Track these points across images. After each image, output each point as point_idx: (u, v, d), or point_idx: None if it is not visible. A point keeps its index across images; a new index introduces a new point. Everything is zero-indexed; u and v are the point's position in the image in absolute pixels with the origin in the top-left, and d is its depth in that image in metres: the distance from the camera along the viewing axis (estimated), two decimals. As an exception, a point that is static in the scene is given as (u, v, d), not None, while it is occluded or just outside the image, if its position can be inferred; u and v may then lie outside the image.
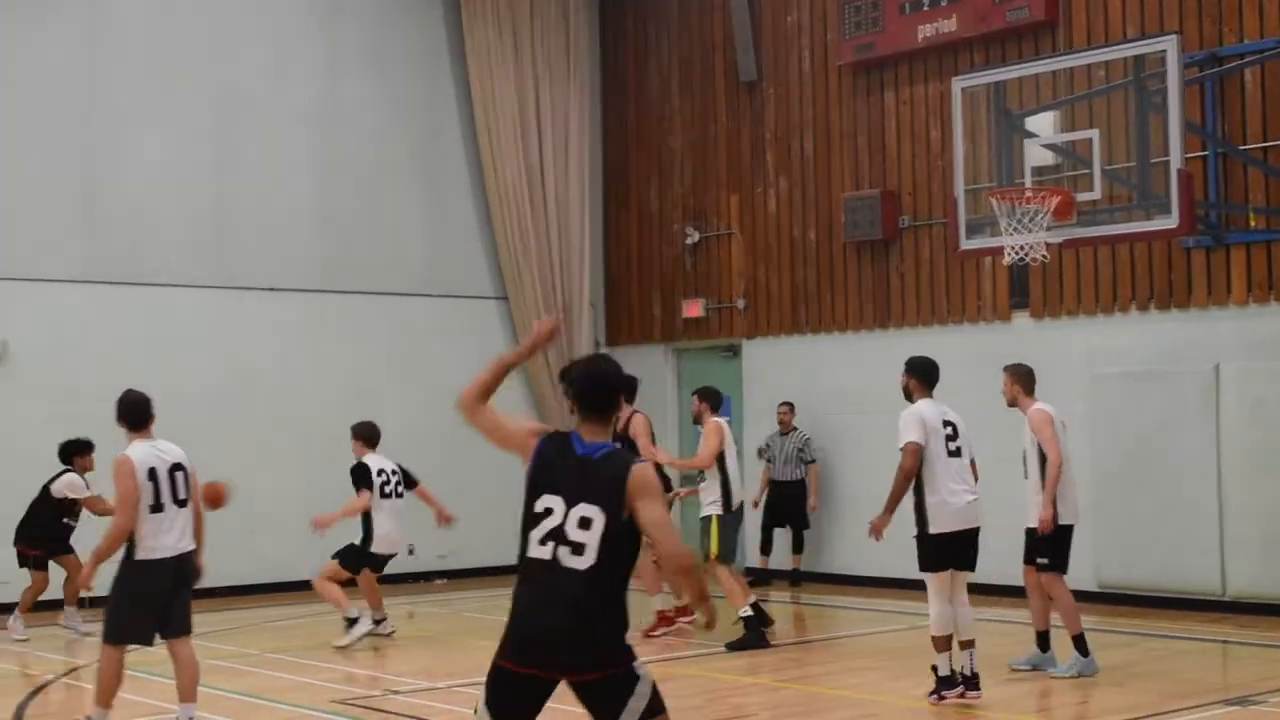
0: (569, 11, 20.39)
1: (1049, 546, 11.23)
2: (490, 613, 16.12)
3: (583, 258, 20.27)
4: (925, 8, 16.96)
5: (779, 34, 18.84)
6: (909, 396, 10.67)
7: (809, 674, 12.00)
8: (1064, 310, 15.97)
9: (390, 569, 14.55)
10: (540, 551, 5.71)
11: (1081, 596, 15.31)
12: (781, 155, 18.81)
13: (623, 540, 5.71)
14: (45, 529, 14.75)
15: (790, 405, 18.06)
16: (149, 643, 9.40)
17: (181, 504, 9.41)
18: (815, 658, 13.33)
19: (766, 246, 18.99)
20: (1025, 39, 16.25)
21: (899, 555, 11.49)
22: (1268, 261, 14.50)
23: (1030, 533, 11.38)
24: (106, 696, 9.25)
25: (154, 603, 9.25)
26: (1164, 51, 13.01)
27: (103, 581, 9.46)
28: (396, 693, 11.26)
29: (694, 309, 19.80)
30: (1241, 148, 14.47)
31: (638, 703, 5.70)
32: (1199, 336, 14.88)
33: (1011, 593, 13.99)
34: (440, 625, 15.28)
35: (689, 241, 19.83)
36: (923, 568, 10.46)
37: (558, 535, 5.69)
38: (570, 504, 5.71)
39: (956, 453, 10.48)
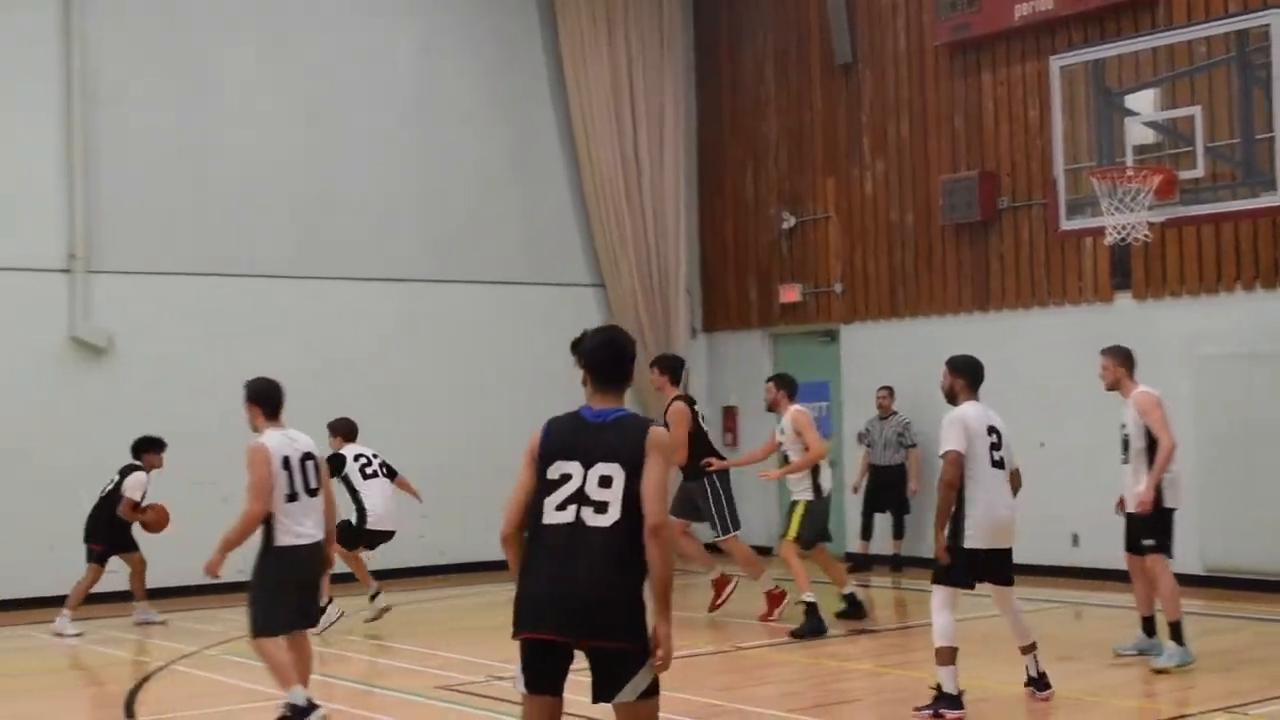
0: (663, -2, 20.41)
1: (1153, 528, 11.04)
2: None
3: (678, 244, 20.27)
4: (1022, -14, 16.78)
5: (874, 16, 18.73)
6: (952, 399, 9.87)
7: (911, 659, 11.93)
8: (1167, 290, 15.76)
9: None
10: (560, 516, 5.68)
11: (1186, 580, 15.14)
12: (878, 138, 18.71)
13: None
14: (110, 524, 14.89)
15: (889, 390, 17.97)
16: (290, 631, 9.32)
17: (313, 493, 9.34)
18: (917, 643, 13.23)
19: (863, 230, 18.89)
20: (1124, 15, 16.03)
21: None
22: (1377, 238, 14.24)
23: (1131, 517, 11.23)
24: (288, 676, 9.17)
25: (296, 590, 9.25)
26: (1268, 25, 12.78)
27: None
28: (499, 678, 11.32)
29: (791, 294, 19.74)
30: (1348, 122, 14.19)
31: (644, 678, 5.68)
32: (1306, 315, 14.64)
33: (1115, 577, 13.86)
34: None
35: (785, 226, 19.77)
36: (943, 580, 9.63)
37: (579, 497, 5.67)
38: (588, 466, 5.70)
39: (999, 463, 9.69)
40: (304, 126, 18.11)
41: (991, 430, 9.65)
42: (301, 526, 9.17)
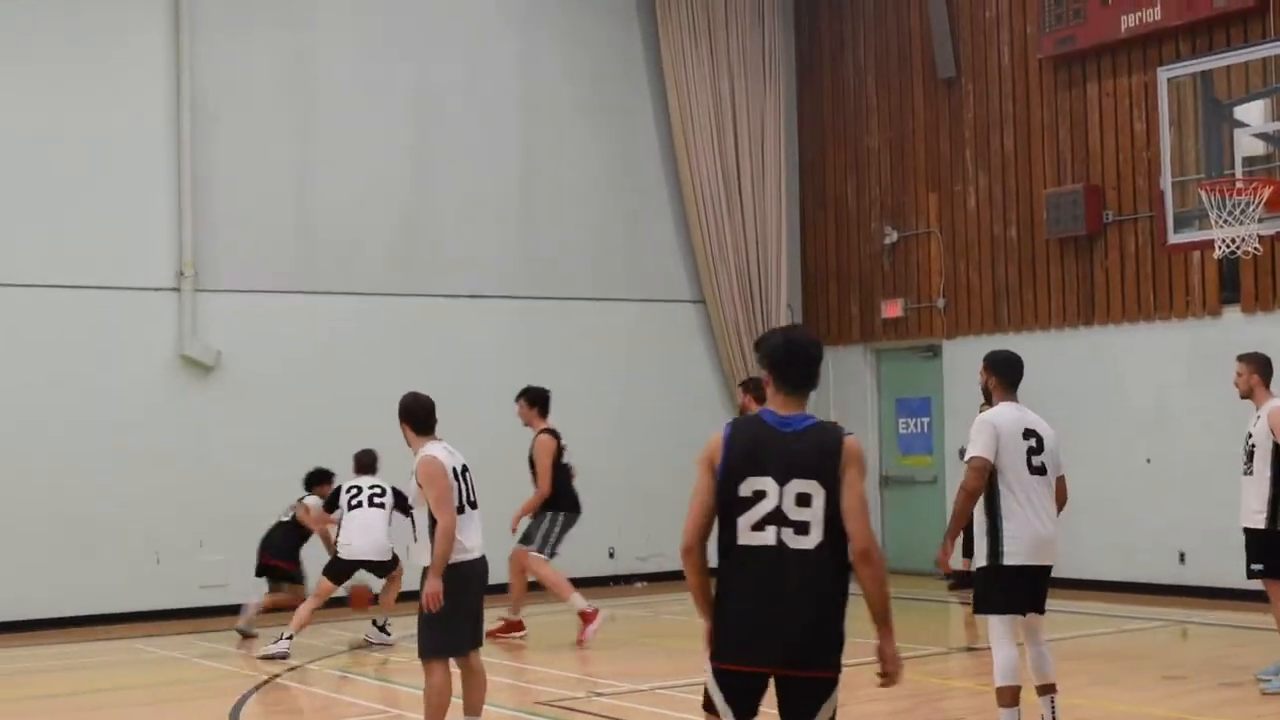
0: (764, 10, 20.35)
1: (1263, 550, 10.62)
2: (691, 614, 16.16)
3: (780, 258, 20.21)
4: (1128, -3, 16.60)
5: (977, 28, 18.59)
6: (990, 398, 9.09)
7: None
8: (1277, 304, 15.49)
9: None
10: (759, 538, 5.37)
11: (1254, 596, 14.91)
12: (981, 151, 18.56)
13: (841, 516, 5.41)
14: (293, 552, 15.11)
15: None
16: (465, 653, 8.92)
17: (474, 506, 9.06)
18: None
19: (966, 244, 18.74)
20: (1233, 25, 15.79)
21: (1106, 556, 11.25)
22: None
23: (1249, 534, 10.86)
24: (442, 704, 8.74)
25: (470, 607, 8.79)
26: (1380, 34, 12.58)
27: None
28: (599, 694, 11.33)
29: (893, 309, 19.63)
30: None
31: (832, 704, 5.45)
32: None
33: (1225, 595, 13.66)
34: (640, 628, 15.35)
35: (887, 241, 19.66)
36: (984, 609, 8.68)
37: (777, 517, 5.36)
38: (782, 482, 5.38)
39: (1040, 469, 8.61)
40: (406, 144, 18.25)
41: (1030, 434, 8.63)
42: (469, 541, 8.79)
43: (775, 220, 20.22)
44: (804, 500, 5.36)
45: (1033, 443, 8.60)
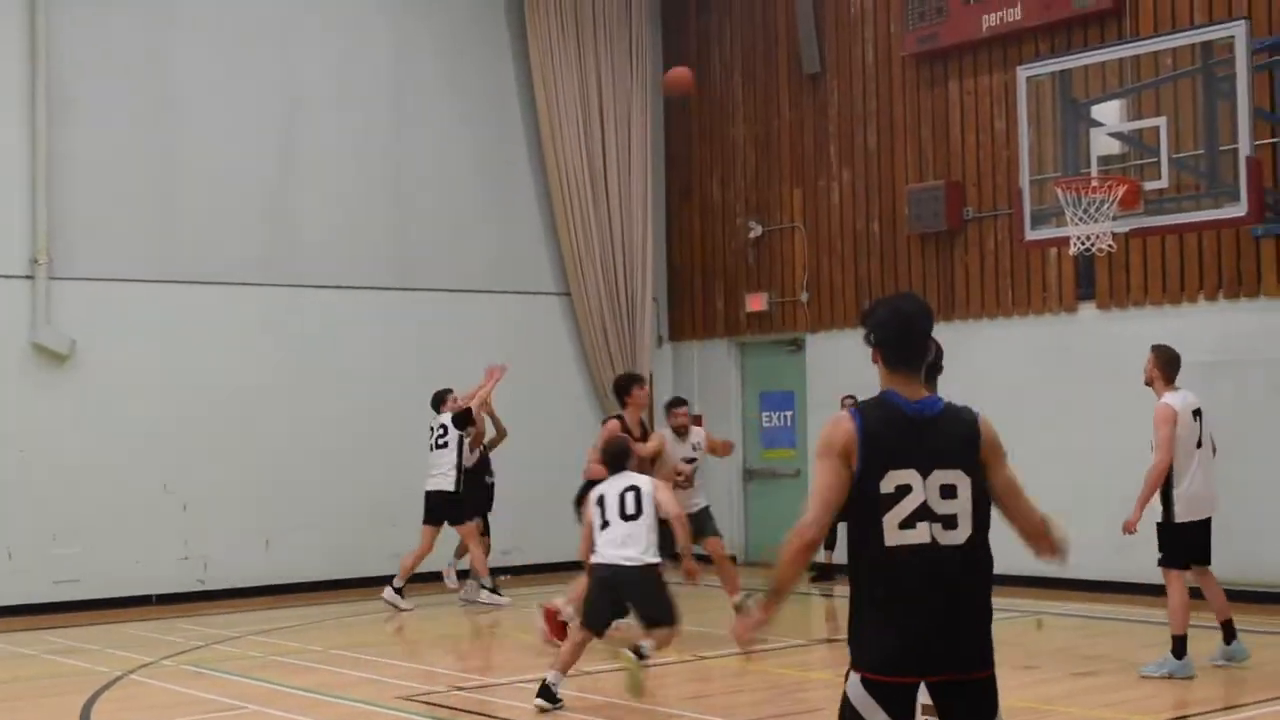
0: (631, 5, 20.35)
1: (1162, 543, 11.05)
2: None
3: (645, 252, 20.23)
4: (989, -3, 16.83)
5: (842, 25, 18.74)
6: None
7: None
8: (1131, 301, 15.79)
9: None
10: (909, 536, 4.90)
11: (1151, 590, 15.17)
12: (845, 147, 18.71)
13: (987, 504, 5.03)
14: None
15: (854, 398, 17.90)
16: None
17: (627, 518, 10.50)
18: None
19: (830, 239, 18.89)
20: (1091, 26, 16.07)
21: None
22: (1340, 250, 14.29)
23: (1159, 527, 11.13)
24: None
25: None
26: (1232, 37, 12.86)
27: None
28: (461, 689, 11.27)
29: (757, 303, 19.74)
30: (1312, 134, 14.27)
31: (996, 698, 5.03)
32: (1269, 326, 14.67)
33: (1097, 587, 13.87)
34: (504, 621, 15.29)
35: (752, 235, 19.76)
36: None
37: (925, 513, 4.92)
38: (926, 473, 4.94)
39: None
40: (271, 134, 17.99)
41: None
42: (607, 551, 10.91)
43: (641, 214, 20.23)
44: (949, 492, 4.95)
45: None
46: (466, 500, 15.93)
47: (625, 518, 10.52)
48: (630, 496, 10.58)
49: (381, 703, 10.67)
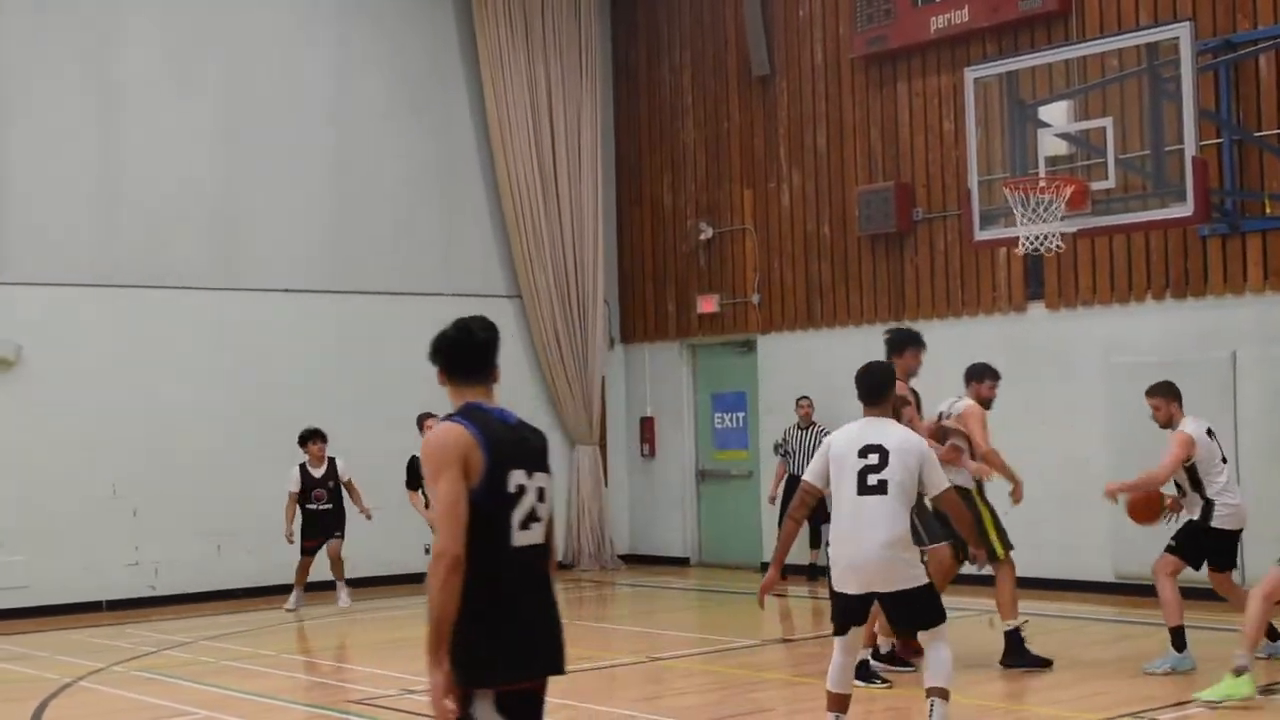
0: (580, 7, 20.34)
1: (1186, 542, 11.26)
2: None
3: (596, 255, 20.22)
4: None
5: (791, 27, 18.78)
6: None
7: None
8: (1079, 300, 15.89)
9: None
10: (527, 537, 5.33)
11: (1099, 588, 15.31)
12: (795, 149, 18.76)
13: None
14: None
15: (810, 399, 17.97)
16: None
17: None
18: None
19: (780, 241, 18.93)
20: (1038, 28, 16.16)
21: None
22: (1284, 249, 14.41)
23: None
24: None
25: None
26: (1177, 39, 12.95)
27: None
28: (412, 692, 11.24)
29: (708, 304, 19.76)
30: (1256, 134, 14.38)
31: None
32: (1216, 325, 14.79)
33: (1049, 586, 13.94)
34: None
35: (703, 237, 19.78)
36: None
37: (534, 514, 5.39)
38: (530, 476, 5.44)
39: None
40: (216, 138, 17.89)
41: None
42: None
43: (592, 216, 20.22)
44: (543, 495, 5.41)
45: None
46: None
47: None
48: None
49: (334, 707, 10.65)
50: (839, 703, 8.54)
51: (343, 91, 18.88)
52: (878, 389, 8.71)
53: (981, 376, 12.29)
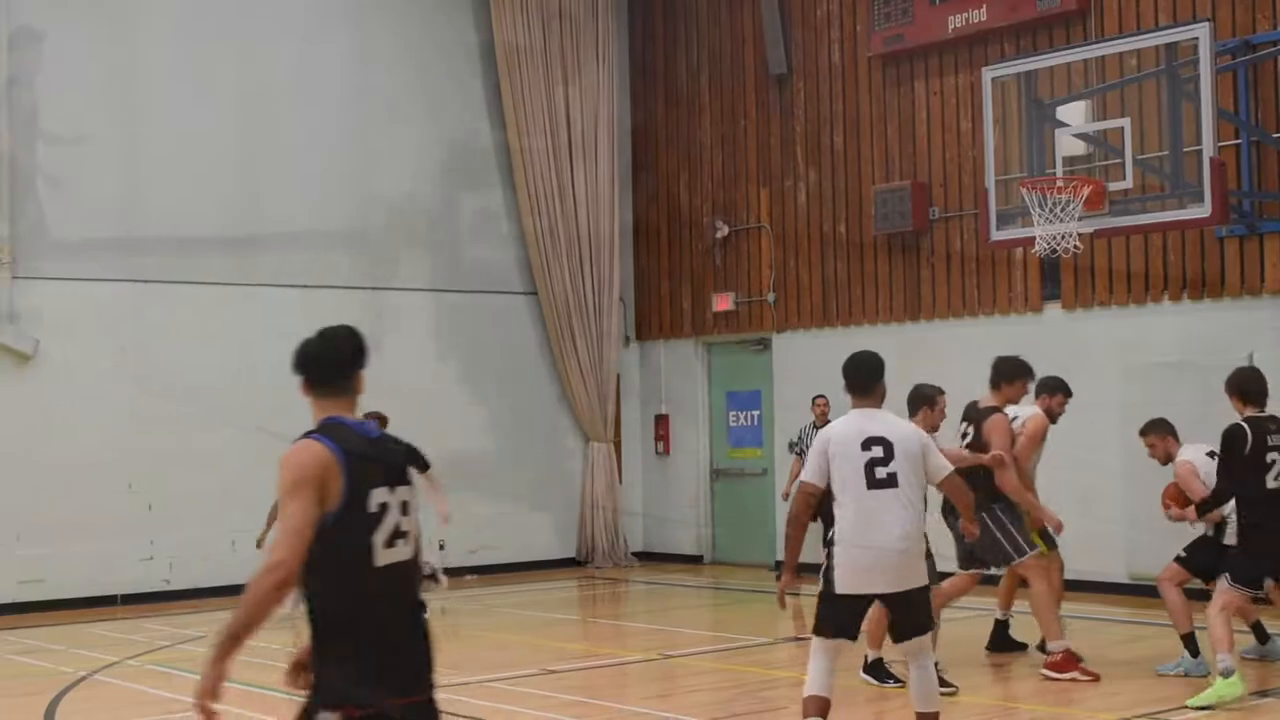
0: (597, 6, 20.34)
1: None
2: (522, 608, 16.15)
3: (612, 252, 20.23)
4: (955, -2, 16.88)
5: (808, 26, 18.77)
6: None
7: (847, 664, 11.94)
8: (1096, 301, 15.86)
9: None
10: (393, 555, 5.21)
11: (1114, 589, 15.27)
12: (811, 148, 18.74)
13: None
14: None
15: (826, 398, 17.93)
16: None
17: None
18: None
19: (796, 240, 18.92)
20: (1056, 28, 16.13)
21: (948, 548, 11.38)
22: (1302, 250, 14.37)
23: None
24: None
25: None
26: (1196, 39, 12.94)
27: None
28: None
29: (724, 303, 19.76)
30: (1275, 135, 14.33)
31: None
32: (1233, 326, 14.74)
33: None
34: (470, 620, 15.28)
35: (719, 235, 19.77)
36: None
37: (399, 530, 5.26)
38: (392, 491, 5.24)
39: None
40: (236, 134, 17.92)
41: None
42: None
43: (608, 214, 20.23)
44: (407, 509, 5.22)
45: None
46: None
47: None
48: None
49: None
50: (820, 707, 8.11)
51: (360, 89, 18.89)
52: (869, 379, 8.66)
53: (1054, 391, 12.10)
